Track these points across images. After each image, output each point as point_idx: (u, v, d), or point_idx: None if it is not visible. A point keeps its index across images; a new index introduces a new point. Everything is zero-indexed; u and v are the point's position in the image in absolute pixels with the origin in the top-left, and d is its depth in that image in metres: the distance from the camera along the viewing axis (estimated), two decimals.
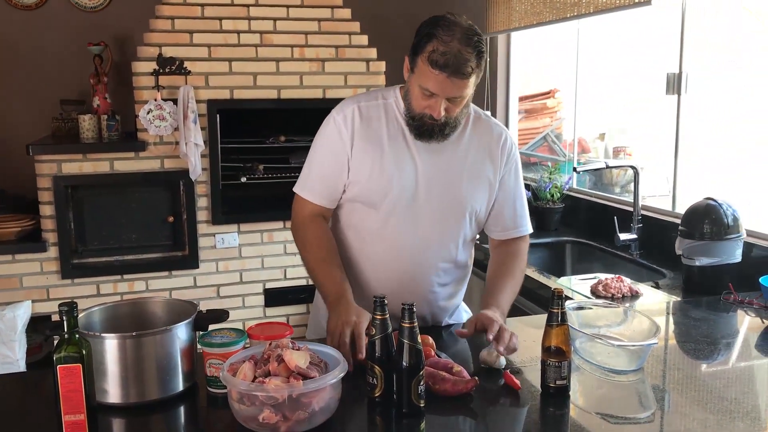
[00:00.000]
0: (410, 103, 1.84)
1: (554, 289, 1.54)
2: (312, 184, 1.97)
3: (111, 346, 1.49)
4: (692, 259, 2.45)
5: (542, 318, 1.60)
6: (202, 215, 3.95)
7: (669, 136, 3.15)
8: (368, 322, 1.68)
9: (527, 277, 2.73)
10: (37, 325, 3.75)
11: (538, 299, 2.63)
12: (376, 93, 1.98)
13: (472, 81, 1.77)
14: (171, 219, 3.96)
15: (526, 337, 1.97)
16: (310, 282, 2.12)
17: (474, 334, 1.76)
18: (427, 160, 1.91)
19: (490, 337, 1.68)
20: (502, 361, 1.69)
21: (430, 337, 1.73)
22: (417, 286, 1.97)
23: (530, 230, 2.09)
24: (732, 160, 3.66)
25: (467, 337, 1.81)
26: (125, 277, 3.90)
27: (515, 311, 2.73)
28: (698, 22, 3.05)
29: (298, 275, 4.08)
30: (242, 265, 4.04)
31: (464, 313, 2.16)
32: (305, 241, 1.96)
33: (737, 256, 2.43)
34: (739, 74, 3.56)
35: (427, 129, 1.83)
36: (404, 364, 1.44)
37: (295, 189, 2.01)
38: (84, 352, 1.29)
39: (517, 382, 1.59)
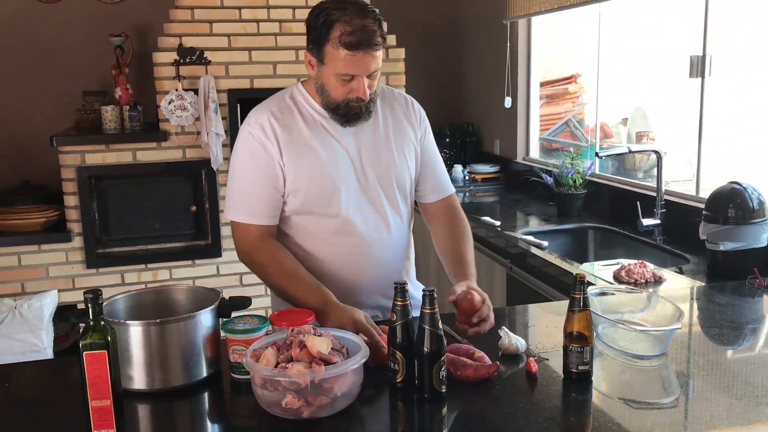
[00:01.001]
0: (329, 95, 1.80)
1: (576, 274, 1.54)
2: (250, 206, 1.87)
3: (136, 333, 1.50)
4: (717, 244, 2.42)
5: (564, 304, 1.59)
6: (224, 204, 3.97)
7: (692, 120, 3.10)
8: (366, 318, 1.69)
9: (550, 264, 2.72)
10: (64, 314, 3.81)
11: (561, 286, 2.62)
12: (281, 96, 1.93)
13: (382, 50, 1.78)
14: (193, 208, 3.99)
15: (548, 323, 1.97)
16: None
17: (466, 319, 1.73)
18: (355, 144, 1.90)
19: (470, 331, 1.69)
20: (522, 347, 1.68)
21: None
22: (391, 271, 1.95)
23: (454, 189, 2.11)
24: (756, 143, 3.61)
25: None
26: (149, 266, 3.94)
27: (537, 297, 2.73)
28: (721, 4, 3.00)
29: None
30: None
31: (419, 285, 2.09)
32: (263, 263, 1.86)
33: (763, 240, 2.40)
34: (761, 61, 3.51)
35: (354, 113, 1.82)
36: (425, 349, 1.44)
37: (230, 217, 1.91)
38: (109, 338, 1.30)
39: (536, 366, 1.58)
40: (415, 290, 1.94)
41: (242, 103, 3.90)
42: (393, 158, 1.94)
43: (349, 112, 1.81)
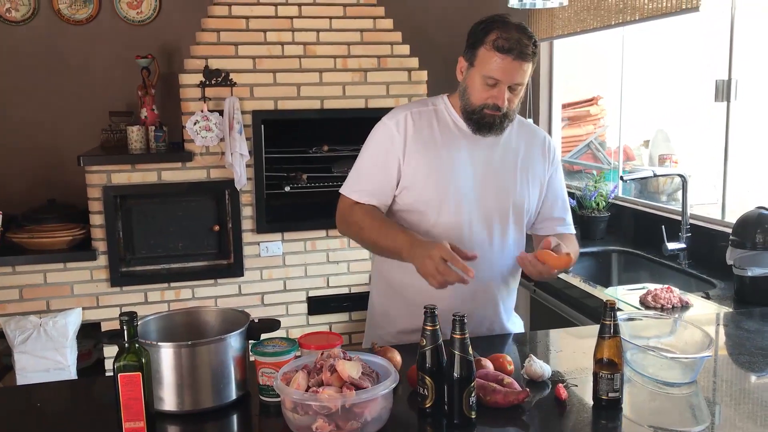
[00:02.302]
0: (469, 98, 1.89)
1: (606, 300, 1.53)
2: (361, 186, 1.99)
3: (167, 354, 1.52)
4: (744, 270, 2.40)
5: (589, 329, 1.59)
6: (246, 224, 4.00)
7: (718, 143, 3.09)
8: (449, 247, 1.72)
9: (574, 288, 2.71)
10: (88, 331, 3.84)
11: (585, 309, 2.61)
12: (426, 101, 2.05)
13: (530, 68, 1.85)
14: (216, 228, 4.02)
15: (575, 348, 1.96)
16: (353, 290, 2.14)
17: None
18: (481, 159, 1.96)
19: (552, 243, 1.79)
20: (547, 372, 1.68)
21: (508, 356, 1.73)
22: (482, 289, 1.97)
23: (574, 231, 2.14)
24: None
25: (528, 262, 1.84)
26: (172, 284, 3.97)
27: (563, 322, 2.72)
28: (748, 27, 2.99)
29: (340, 283, 4.10)
30: (286, 273, 4.08)
31: (515, 318, 2.16)
32: (354, 221, 1.96)
33: None
34: None
35: (487, 122, 1.89)
36: (455, 375, 1.44)
37: (342, 191, 2.03)
38: (143, 360, 1.32)
39: (565, 393, 1.58)
40: (506, 319, 2.08)
41: (266, 124, 3.94)
42: (514, 182, 1.99)
43: (482, 120, 1.89)
